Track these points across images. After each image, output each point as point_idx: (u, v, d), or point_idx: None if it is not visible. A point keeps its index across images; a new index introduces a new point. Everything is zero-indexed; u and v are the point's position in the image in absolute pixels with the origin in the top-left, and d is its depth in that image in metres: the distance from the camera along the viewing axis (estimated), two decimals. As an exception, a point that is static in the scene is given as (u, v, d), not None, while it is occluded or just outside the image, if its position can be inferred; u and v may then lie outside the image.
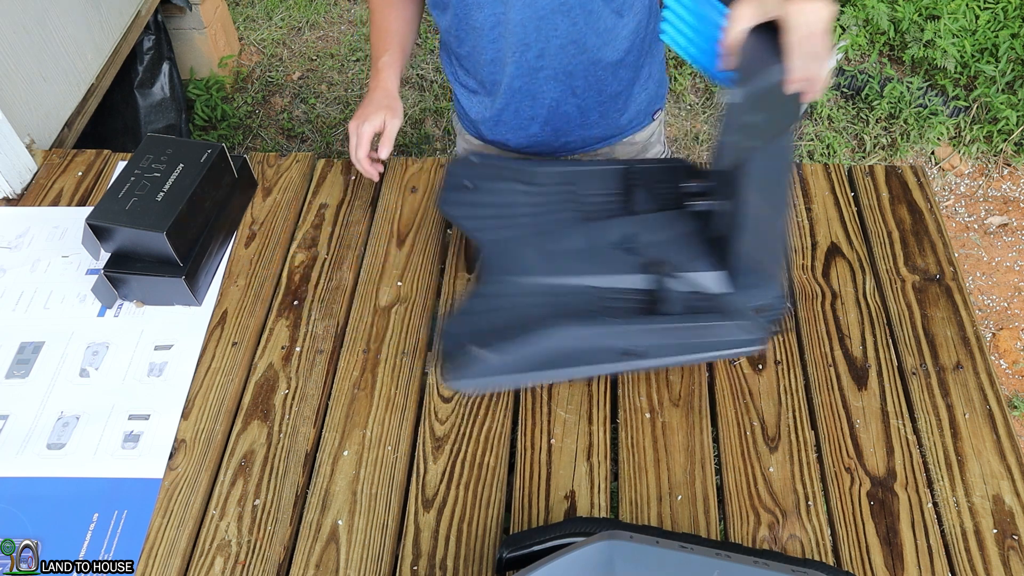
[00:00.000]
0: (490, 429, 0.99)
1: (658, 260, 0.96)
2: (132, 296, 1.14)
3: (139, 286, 1.11)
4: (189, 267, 1.10)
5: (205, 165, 1.14)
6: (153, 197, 1.09)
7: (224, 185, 1.18)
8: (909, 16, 2.55)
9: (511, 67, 1.13)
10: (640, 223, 1.03)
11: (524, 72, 1.14)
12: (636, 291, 0.97)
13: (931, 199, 1.22)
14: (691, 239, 1.01)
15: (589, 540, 0.67)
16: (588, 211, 1.08)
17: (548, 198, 1.10)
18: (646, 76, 1.23)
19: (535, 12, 1.05)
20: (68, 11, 1.72)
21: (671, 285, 0.95)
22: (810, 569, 0.69)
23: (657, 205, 1.05)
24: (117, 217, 1.07)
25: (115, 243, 1.10)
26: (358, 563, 0.89)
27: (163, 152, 1.16)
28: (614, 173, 1.12)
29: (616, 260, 0.99)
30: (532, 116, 1.22)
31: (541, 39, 1.09)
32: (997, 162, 2.49)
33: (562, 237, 1.03)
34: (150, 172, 1.12)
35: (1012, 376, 2.05)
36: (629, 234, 1.01)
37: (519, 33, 1.09)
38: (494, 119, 1.24)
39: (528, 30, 1.08)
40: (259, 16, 3.00)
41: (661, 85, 1.28)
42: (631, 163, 1.15)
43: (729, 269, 0.97)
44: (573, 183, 1.11)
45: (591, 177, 1.12)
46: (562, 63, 1.13)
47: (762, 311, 0.95)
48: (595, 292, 0.98)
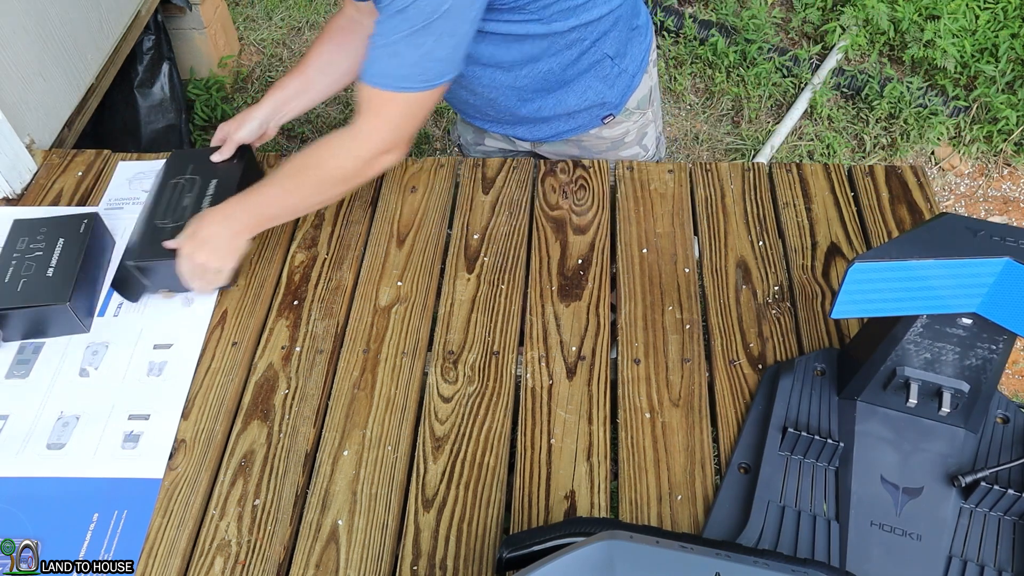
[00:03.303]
0: (490, 429, 0.99)
1: None
2: (159, 286, 1.15)
3: (167, 273, 1.11)
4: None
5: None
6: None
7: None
8: (909, 16, 2.55)
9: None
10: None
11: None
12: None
13: (931, 199, 1.22)
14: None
15: (589, 540, 0.67)
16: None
17: None
18: (573, 98, 1.24)
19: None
20: (68, 11, 1.71)
21: None
22: (810, 569, 0.68)
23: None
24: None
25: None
26: (358, 563, 0.89)
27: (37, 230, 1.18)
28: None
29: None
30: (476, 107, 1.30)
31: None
32: (997, 162, 2.49)
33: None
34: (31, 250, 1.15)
35: (1012, 376, 2.05)
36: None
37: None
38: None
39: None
40: (259, 16, 3.00)
41: (604, 97, 1.27)
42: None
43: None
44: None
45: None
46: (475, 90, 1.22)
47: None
48: None
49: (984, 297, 0.81)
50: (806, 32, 2.79)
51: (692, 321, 1.08)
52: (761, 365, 1.03)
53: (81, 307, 1.11)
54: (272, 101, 1.24)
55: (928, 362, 0.87)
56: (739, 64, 2.66)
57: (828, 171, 1.27)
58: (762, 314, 1.09)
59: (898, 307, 0.83)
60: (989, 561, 0.83)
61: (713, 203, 1.23)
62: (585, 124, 1.29)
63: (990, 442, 0.92)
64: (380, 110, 1.02)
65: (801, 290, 1.11)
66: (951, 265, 0.79)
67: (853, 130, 2.55)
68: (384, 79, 0.98)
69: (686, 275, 1.13)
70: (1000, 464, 0.88)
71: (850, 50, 2.66)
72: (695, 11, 2.83)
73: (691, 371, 1.03)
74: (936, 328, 0.85)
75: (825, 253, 1.15)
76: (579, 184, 1.26)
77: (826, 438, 0.90)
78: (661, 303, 1.10)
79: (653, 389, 1.01)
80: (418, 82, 0.98)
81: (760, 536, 0.86)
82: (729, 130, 2.61)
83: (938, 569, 0.83)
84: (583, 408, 1.00)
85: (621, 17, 1.18)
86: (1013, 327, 0.81)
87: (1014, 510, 0.86)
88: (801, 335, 1.06)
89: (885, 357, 0.88)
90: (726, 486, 0.92)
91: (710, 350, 1.05)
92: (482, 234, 1.20)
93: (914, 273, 0.80)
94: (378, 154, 1.05)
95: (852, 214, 1.20)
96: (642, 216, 1.21)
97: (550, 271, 1.15)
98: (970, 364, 0.86)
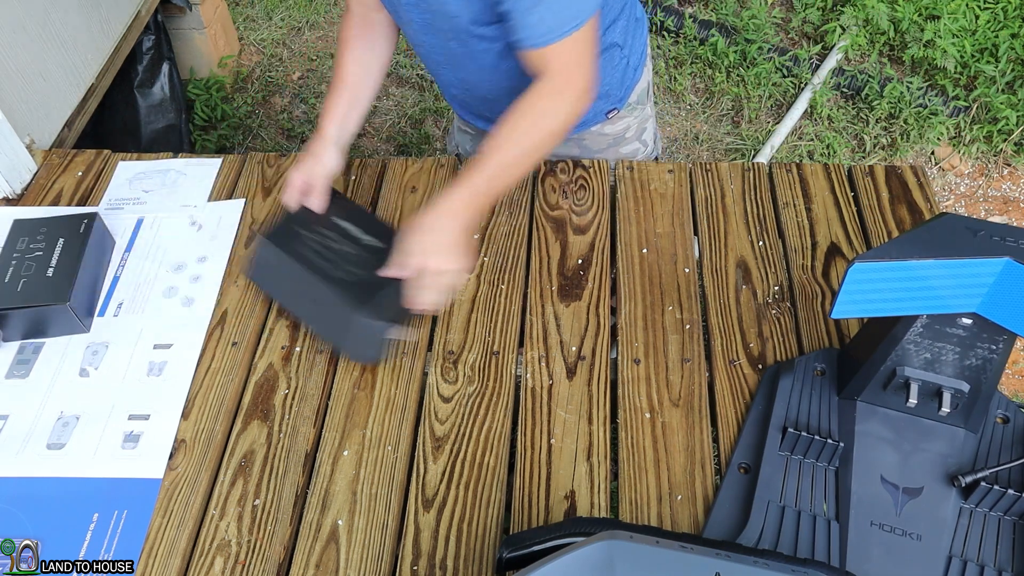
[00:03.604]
0: (490, 429, 0.99)
1: None
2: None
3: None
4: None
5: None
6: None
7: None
8: (909, 16, 2.55)
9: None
10: None
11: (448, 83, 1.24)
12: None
13: (931, 199, 1.22)
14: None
15: (589, 540, 0.67)
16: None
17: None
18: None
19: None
20: (68, 11, 1.72)
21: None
22: (810, 569, 0.68)
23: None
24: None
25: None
26: (358, 563, 0.89)
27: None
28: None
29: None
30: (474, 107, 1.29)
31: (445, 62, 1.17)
32: (997, 162, 2.49)
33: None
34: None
35: (1012, 376, 2.05)
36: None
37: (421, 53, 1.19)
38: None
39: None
40: (259, 16, 3.00)
41: (609, 88, 1.27)
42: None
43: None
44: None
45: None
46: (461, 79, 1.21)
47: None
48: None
49: (984, 297, 0.81)
50: (806, 32, 2.79)
51: (692, 321, 1.08)
52: (761, 365, 1.03)
53: (81, 307, 1.11)
54: (332, 126, 1.17)
55: (928, 362, 0.87)
56: (739, 64, 2.66)
57: (828, 171, 1.27)
58: (762, 314, 1.09)
59: (898, 307, 0.83)
60: (989, 561, 0.83)
61: (713, 203, 1.23)
62: (589, 120, 1.29)
63: (990, 442, 0.92)
64: (566, 60, 1.01)
65: (801, 290, 1.11)
66: (951, 265, 0.79)
67: (853, 130, 2.55)
68: (552, 33, 0.98)
69: (686, 275, 1.13)
70: (1000, 464, 0.88)
71: (850, 50, 2.66)
72: (695, 11, 2.83)
73: (691, 371, 1.03)
74: (936, 328, 0.85)
75: (825, 253, 1.15)
76: (579, 184, 1.26)
77: (826, 438, 0.90)
78: (661, 303, 1.10)
79: (653, 389, 1.01)
80: (580, 15, 0.98)
81: (760, 536, 0.86)
82: (729, 130, 2.61)
83: (938, 569, 0.83)
84: (583, 408, 1.00)
85: (627, 5, 1.20)
86: (1013, 327, 0.81)
87: (1014, 510, 0.86)
88: (801, 335, 1.06)
89: (885, 357, 0.88)
90: (726, 486, 0.92)
91: (710, 350, 1.05)
92: (482, 234, 1.20)
93: (914, 273, 0.80)
94: (581, 98, 1.04)
95: (852, 214, 1.20)
96: (642, 216, 1.21)
97: (550, 271, 1.15)
98: (970, 364, 0.86)
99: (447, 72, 1.21)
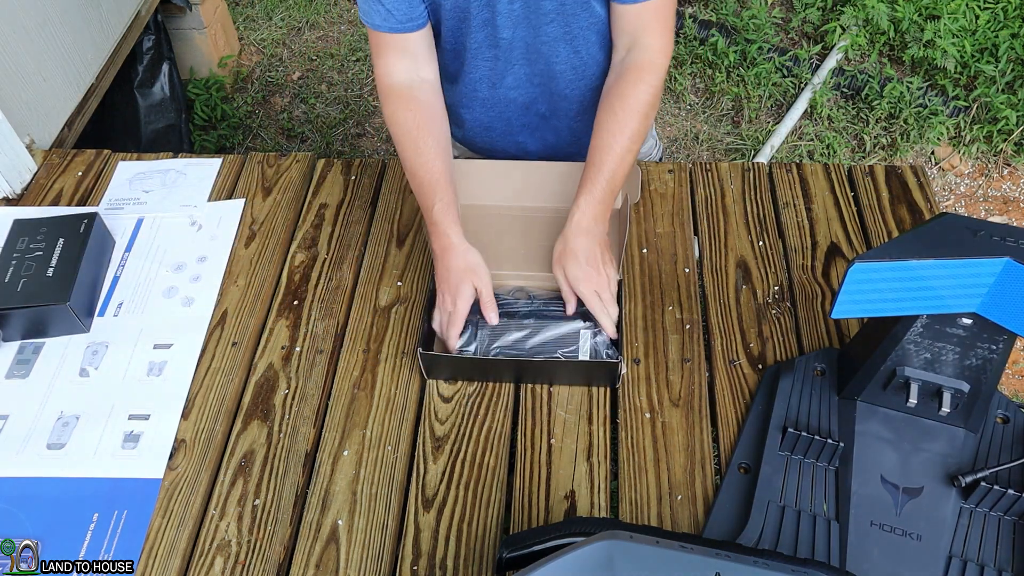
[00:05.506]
0: (490, 429, 0.99)
1: None
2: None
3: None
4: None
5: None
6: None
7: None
8: (909, 16, 2.55)
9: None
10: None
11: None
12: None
13: (931, 199, 1.22)
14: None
15: (589, 540, 0.67)
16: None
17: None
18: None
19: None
20: (68, 11, 1.72)
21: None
22: (810, 569, 0.68)
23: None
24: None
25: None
26: (358, 563, 0.89)
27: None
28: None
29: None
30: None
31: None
32: (997, 162, 2.49)
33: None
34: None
35: (1012, 376, 2.04)
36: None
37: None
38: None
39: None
40: (259, 16, 3.00)
41: None
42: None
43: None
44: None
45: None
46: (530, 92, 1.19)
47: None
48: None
49: (984, 297, 0.81)
50: (806, 32, 2.79)
51: (692, 321, 1.08)
52: (761, 365, 1.03)
53: (81, 307, 1.11)
54: (460, 233, 1.05)
55: (928, 362, 0.87)
56: (739, 64, 2.66)
57: (828, 171, 1.26)
58: (762, 314, 1.09)
59: (898, 307, 0.83)
60: (989, 561, 0.83)
61: (713, 203, 1.23)
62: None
63: (990, 442, 0.92)
64: (666, 15, 1.03)
65: (801, 290, 1.11)
66: (951, 265, 0.79)
67: (853, 130, 2.55)
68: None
69: (686, 275, 1.13)
70: (1000, 464, 0.88)
71: (850, 50, 2.66)
72: (695, 11, 2.83)
73: (691, 371, 1.03)
74: (936, 328, 0.85)
75: (825, 253, 1.15)
76: (579, 184, 1.26)
77: (826, 438, 0.90)
78: (661, 303, 1.10)
79: (653, 389, 1.01)
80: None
81: (760, 536, 0.86)
82: (729, 130, 2.61)
83: (938, 569, 0.83)
84: (583, 408, 1.00)
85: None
86: (1013, 327, 0.81)
87: (1014, 510, 0.86)
88: (801, 335, 1.06)
89: (885, 357, 0.88)
90: (726, 486, 0.92)
91: (710, 350, 1.05)
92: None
93: (914, 273, 0.80)
94: (666, 66, 1.06)
95: (852, 214, 1.20)
96: (642, 216, 1.21)
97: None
98: (970, 364, 0.86)
99: (519, 69, 1.13)
